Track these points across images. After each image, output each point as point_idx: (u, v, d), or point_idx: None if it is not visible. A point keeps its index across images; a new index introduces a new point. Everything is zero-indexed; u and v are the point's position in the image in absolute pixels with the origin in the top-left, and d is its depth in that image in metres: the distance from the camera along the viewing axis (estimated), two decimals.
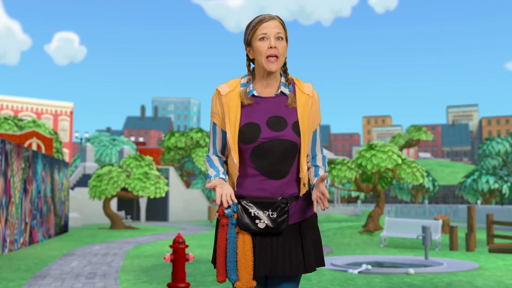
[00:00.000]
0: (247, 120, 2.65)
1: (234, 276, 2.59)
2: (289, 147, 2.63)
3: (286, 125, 2.64)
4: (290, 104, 2.66)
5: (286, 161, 2.65)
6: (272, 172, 2.64)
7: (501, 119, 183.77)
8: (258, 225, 2.60)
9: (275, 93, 2.69)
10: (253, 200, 2.62)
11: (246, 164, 2.67)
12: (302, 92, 2.70)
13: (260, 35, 2.61)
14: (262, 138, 2.62)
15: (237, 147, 2.64)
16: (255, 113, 2.66)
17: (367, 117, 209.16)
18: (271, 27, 2.61)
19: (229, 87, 2.69)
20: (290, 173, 2.67)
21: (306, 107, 2.68)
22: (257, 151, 2.63)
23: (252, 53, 2.68)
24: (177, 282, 7.03)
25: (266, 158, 2.63)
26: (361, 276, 9.70)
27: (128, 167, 24.55)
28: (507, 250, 14.50)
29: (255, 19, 2.65)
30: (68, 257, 12.88)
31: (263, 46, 2.60)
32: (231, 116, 2.65)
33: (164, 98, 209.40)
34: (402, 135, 54.56)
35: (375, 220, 18.89)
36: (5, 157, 13.39)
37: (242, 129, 2.63)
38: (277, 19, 2.64)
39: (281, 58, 2.62)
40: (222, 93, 2.67)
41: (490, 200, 43.22)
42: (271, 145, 2.62)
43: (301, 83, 2.74)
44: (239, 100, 2.66)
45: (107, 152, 56.51)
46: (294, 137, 2.64)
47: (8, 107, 74.88)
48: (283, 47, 2.62)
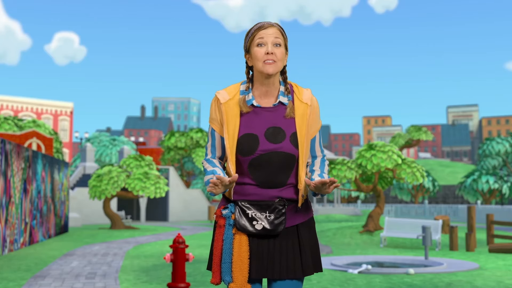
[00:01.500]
0: (245, 131, 2.63)
1: (229, 278, 2.57)
2: (286, 159, 2.63)
3: (284, 136, 2.63)
4: (289, 115, 2.65)
5: (284, 172, 2.64)
6: (269, 184, 2.63)
7: (501, 119, 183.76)
8: (255, 227, 2.59)
9: (273, 103, 2.68)
10: (251, 201, 2.62)
11: (244, 174, 2.66)
12: (300, 102, 2.69)
13: (257, 41, 2.61)
14: (260, 151, 2.61)
15: (234, 157, 2.64)
16: (253, 123, 2.65)
17: (367, 117, 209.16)
18: (269, 33, 2.61)
19: (229, 95, 2.68)
20: (288, 183, 2.67)
21: (304, 117, 2.67)
22: (255, 163, 2.62)
23: (250, 60, 2.68)
24: (177, 282, 7.03)
25: (263, 170, 2.62)
26: (361, 276, 9.70)
27: (128, 167, 24.55)
28: (507, 250, 14.50)
29: (254, 26, 2.66)
30: (68, 257, 12.88)
31: (260, 52, 2.60)
32: (230, 126, 2.64)
33: (164, 98, 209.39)
34: (402, 135, 54.56)
35: (375, 220, 18.89)
36: (5, 157, 13.39)
37: (241, 140, 2.62)
38: (276, 26, 2.64)
39: (278, 63, 2.61)
40: (221, 101, 2.66)
41: (490, 200, 43.22)
42: (269, 157, 2.61)
43: (299, 91, 2.72)
44: (238, 109, 2.65)
45: (107, 152, 56.52)
46: (292, 149, 2.63)
47: (8, 107, 74.88)
48: (281, 53, 2.62)
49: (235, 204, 2.63)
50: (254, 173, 2.63)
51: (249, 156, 2.62)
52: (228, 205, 2.66)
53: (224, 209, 2.65)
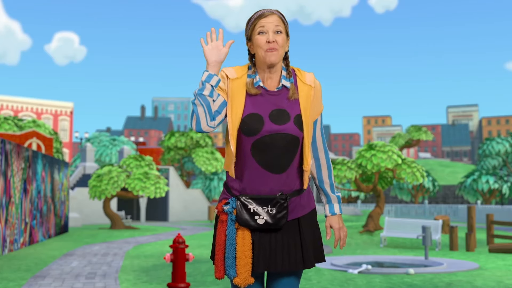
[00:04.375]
0: (251, 110, 2.63)
1: (233, 272, 2.60)
2: (291, 141, 2.63)
3: (288, 118, 2.64)
4: (292, 96, 2.66)
5: (288, 155, 2.64)
6: (273, 166, 2.63)
7: (501, 119, 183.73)
8: (257, 221, 2.60)
9: (276, 86, 2.69)
10: (252, 196, 2.62)
11: (246, 155, 2.65)
12: (303, 83, 2.71)
13: (258, 29, 2.63)
14: (264, 131, 2.61)
15: (235, 133, 2.63)
16: (259, 104, 2.65)
17: (367, 117, 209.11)
18: (269, 22, 2.62)
19: (236, 74, 2.69)
20: (291, 166, 2.67)
21: (308, 99, 2.68)
22: (259, 145, 2.62)
23: (252, 48, 2.69)
24: (177, 282, 7.03)
25: (267, 152, 2.62)
26: (361, 276, 9.70)
27: (128, 167, 24.55)
28: (507, 250, 14.50)
29: (255, 14, 2.67)
30: (68, 257, 12.87)
31: (262, 40, 2.62)
32: (234, 103, 2.63)
33: (164, 98, 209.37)
34: (402, 135, 54.55)
35: (375, 220, 18.88)
36: (5, 157, 13.38)
37: (245, 120, 2.62)
38: (276, 13, 2.65)
39: (280, 50, 2.63)
40: (230, 77, 2.67)
41: (490, 200, 43.22)
42: (273, 139, 2.61)
43: (302, 74, 2.73)
44: (244, 89, 2.66)
45: (107, 152, 56.49)
46: (296, 131, 2.64)
47: (8, 107, 74.87)
48: (282, 39, 2.63)
49: (237, 199, 2.64)
50: (257, 155, 2.63)
51: (253, 137, 2.62)
52: (229, 200, 2.67)
53: (226, 205, 2.66)
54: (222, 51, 2.64)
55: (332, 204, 2.82)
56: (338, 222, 2.80)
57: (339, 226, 2.79)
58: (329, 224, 2.81)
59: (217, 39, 2.67)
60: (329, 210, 2.82)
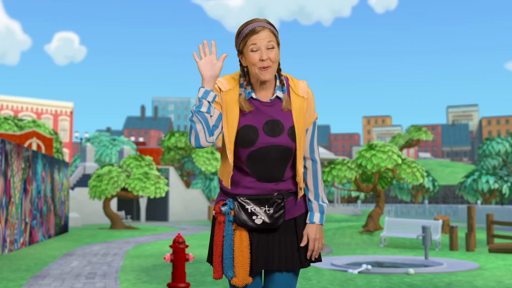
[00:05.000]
0: (245, 122, 2.64)
1: (231, 273, 2.62)
2: (284, 152, 2.65)
3: (282, 130, 2.64)
4: (285, 108, 2.66)
5: (281, 166, 2.66)
6: (267, 176, 2.66)
7: (501, 119, 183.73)
8: (255, 221, 2.62)
9: (270, 97, 2.68)
10: (249, 196, 2.64)
11: (242, 166, 2.68)
12: (296, 95, 2.69)
13: (251, 46, 2.59)
14: (259, 143, 2.62)
15: (233, 146, 2.64)
16: (253, 115, 2.65)
17: (367, 117, 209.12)
18: (262, 38, 2.58)
19: (229, 85, 2.68)
20: (285, 176, 2.70)
21: (301, 110, 2.68)
22: (253, 156, 2.64)
23: (244, 61, 2.66)
24: (177, 282, 7.03)
25: (261, 163, 2.64)
26: (361, 276, 9.70)
27: (128, 167, 24.55)
28: (507, 250, 14.50)
29: (245, 28, 2.61)
30: (68, 257, 12.87)
31: (255, 58, 2.59)
32: (229, 115, 2.63)
33: (164, 98, 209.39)
34: (402, 135, 54.55)
35: (375, 220, 18.88)
36: (5, 157, 13.38)
37: (240, 132, 2.63)
38: (267, 27, 2.60)
39: (273, 65, 2.61)
40: (222, 89, 2.66)
41: (490, 200, 43.21)
42: (268, 150, 2.63)
43: (295, 83, 2.72)
44: (237, 100, 2.65)
45: (107, 152, 56.49)
46: (290, 143, 2.65)
47: (8, 107, 74.87)
48: (275, 55, 2.61)
49: (234, 199, 2.66)
50: (252, 166, 2.65)
51: (248, 148, 2.63)
52: (227, 201, 2.68)
53: (223, 206, 2.68)
54: (216, 65, 2.59)
55: (313, 212, 2.76)
56: (315, 232, 2.72)
57: (315, 237, 2.71)
58: (306, 232, 2.73)
59: (210, 52, 2.61)
60: (309, 218, 2.75)
